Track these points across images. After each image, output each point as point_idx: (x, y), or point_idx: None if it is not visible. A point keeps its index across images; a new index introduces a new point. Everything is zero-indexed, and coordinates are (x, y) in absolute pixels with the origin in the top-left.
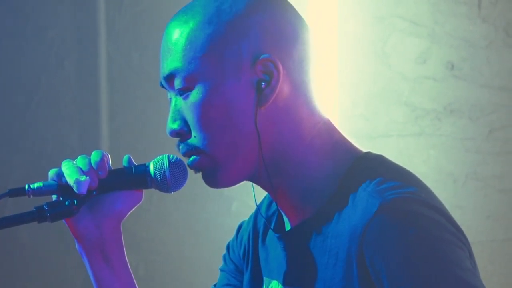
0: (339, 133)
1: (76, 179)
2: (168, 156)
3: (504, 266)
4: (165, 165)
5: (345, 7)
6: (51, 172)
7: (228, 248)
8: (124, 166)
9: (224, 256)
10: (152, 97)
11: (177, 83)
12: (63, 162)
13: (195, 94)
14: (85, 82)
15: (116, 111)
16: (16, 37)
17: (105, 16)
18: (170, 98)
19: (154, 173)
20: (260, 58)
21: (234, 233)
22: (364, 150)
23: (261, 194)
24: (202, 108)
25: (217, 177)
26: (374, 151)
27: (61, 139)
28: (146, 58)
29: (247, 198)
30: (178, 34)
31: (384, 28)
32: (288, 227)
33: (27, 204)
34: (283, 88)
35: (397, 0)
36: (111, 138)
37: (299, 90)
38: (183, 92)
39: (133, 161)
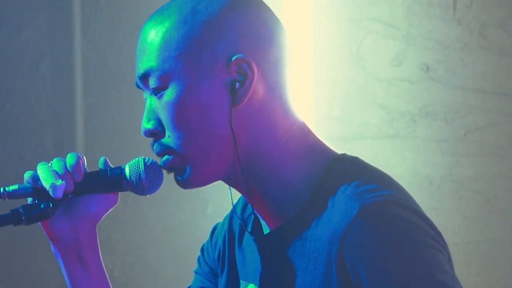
0: (314, 135)
1: (52, 183)
2: (144, 159)
3: (480, 267)
4: (140, 168)
5: (320, 8)
6: (27, 175)
7: (202, 250)
8: (100, 168)
9: (198, 259)
10: (127, 98)
11: (152, 82)
12: (38, 165)
13: (169, 94)
14: (60, 83)
15: (92, 112)
16: None
17: (80, 17)
18: (146, 99)
19: (130, 176)
20: (234, 58)
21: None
22: (339, 152)
23: (237, 196)
24: (176, 107)
25: (188, 177)
26: (349, 154)
27: (36, 141)
28: (121, 59)
29: (222, 200)
30: (153, 34)
31: (359, 30)
32: (266, 230)
33: (2, 207)
34: (258, 88)
35: (372, 2)
36: (87, 140)
37: (274, 91)
38: (158, 91)
39: (109, 163)
